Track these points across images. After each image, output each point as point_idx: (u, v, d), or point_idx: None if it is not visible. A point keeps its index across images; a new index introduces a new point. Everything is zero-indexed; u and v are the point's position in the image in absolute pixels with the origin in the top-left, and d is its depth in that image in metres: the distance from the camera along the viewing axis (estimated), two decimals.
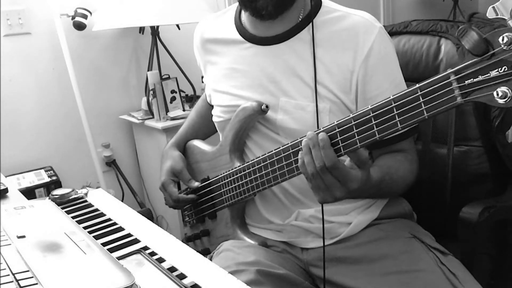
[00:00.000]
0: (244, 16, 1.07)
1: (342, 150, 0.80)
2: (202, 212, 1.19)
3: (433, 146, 1.22)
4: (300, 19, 1.00)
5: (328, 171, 0.80)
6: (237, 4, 1.11)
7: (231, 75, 1.07)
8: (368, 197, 1.02)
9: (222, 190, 1.10)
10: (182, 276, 0.65)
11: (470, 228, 1.05)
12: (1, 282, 0.60)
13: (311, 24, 0.98)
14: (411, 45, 1.28)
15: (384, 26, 1.30)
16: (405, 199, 1.11)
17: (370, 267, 0.96)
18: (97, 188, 1.16)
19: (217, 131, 1.18)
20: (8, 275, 0.62)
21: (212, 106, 1.16)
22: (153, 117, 2.16)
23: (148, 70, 2.19)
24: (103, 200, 0.97)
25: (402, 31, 1.31)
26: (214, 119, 1.14)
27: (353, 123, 0.78)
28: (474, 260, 1.05)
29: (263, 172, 0.97)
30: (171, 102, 2.14)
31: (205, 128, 1.26)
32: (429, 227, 1.07)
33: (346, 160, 0.84)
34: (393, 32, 1.33)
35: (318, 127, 0.94)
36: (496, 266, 1.16)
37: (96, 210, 0.90)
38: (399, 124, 0.74)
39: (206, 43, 1.14)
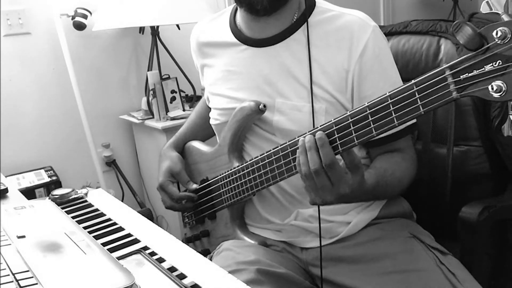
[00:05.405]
0: (239, 17, 1.07)
1: (339, 147, 0.80)
2: (201, 213, 1.19)
3: (433, 146, 1.22)
4: (294, 20, 1.01)
5: (324, 171, 0.80)
6: (232, 6, 1.11)
7: (227, 78, 1.07)
8: (360, 201, 1.02)
9: (221, 191, 1.10)
10: (182, 276, 0.65)
11: (469, 228, 1.05)
12: (1, 282, 0.60)
13: (306, 24, 0.98)
14: (411, 45, 1.28)
15: (384, 26, 1.30)
16: (404, 199, 1.11)
17: (370, 266, 0.96)
18: (97, 188, 1.16)
19: None
20: (8, 275, 0.62)
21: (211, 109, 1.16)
22: (153, 117, 2.16)
23: (148, 70, 2.19)
24: (103, 200, 0.97)
25: (402, 31, 1.31)
26: (211, 121, 1.14)
27: (350, 120, 0.79)
28: (473, 260, 1.05)
29: (262, 171, 0.97)
30: (171, 102, 2.14)
31: (205, 130, 1.26)
32: (429, 226, 1.07)
33: (341, 162, 0.84)
34: (393, 32, 1.33)
35: (314, 127, 0.95)
36: (496, 266, 1.16)
37: (96, 210, 0.90)
38: (395, 120, 0.74)
39: (202, 47, 1.14)
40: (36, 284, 0.59)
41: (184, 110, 2.17)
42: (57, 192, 0.96)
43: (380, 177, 0.93)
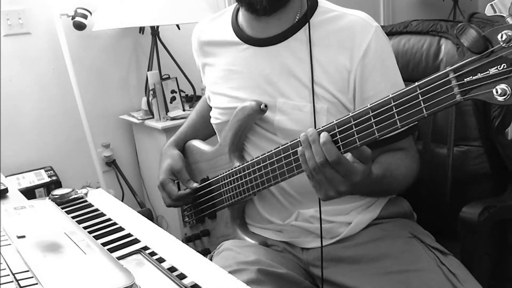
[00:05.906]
0: (241, 17, 1.07)
1: (341, 149, 0.80)
2: (202, 212, 1.19)
3: (433, 146, 1.22)
4: (296, 20, 1.01)
5: (330, 166, 0.79)
6: (233, 6, 1.11)
7: (229, 77, 1.07)
8: (370, 194, 1.02)
9: (222, 190, 1.10)
10: (182, 276, 0.65)
11: (470, 228, 1.05)
12: (1, 282, 0.60)
13: (307, 24, 0.98)
14: (411, 45, 1.28)
15: (384, 26, 1.30)
16: (405, 199, 1.11)
17: (370, 266, 0.96)
18: (97, 188, 1.16)
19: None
20: (8, 275, 0.62)
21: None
22: (153, 117, 2.16)
23: (148, 70, 2.19)
24: (103, 200, 0.97)
25: (402, 31, 1.31)
26: (212, 120, 1.14)
27: (352, 122, 0.78)
28: (474, 260, 1.05)
29: (263, 171, 0.97)
30: (171, 102, 2.14)
31: (206, 129, 1.26)
32: (429, 227, 1.07)
33: (348, 155, 0.83)
34: (393, 32, 1.33)
35: (315, 127, 0.94)
36: (496, 266, 1.16)
37: (96, 210, 0.90)
38: (398, 123, 0.74)
39: (204, 46, 1.14)
40: (36, 284, 0.59)
41: (184, 110, 2.17)
42: (57, 192, 0.96)
43: (386, 169, 0.93)
